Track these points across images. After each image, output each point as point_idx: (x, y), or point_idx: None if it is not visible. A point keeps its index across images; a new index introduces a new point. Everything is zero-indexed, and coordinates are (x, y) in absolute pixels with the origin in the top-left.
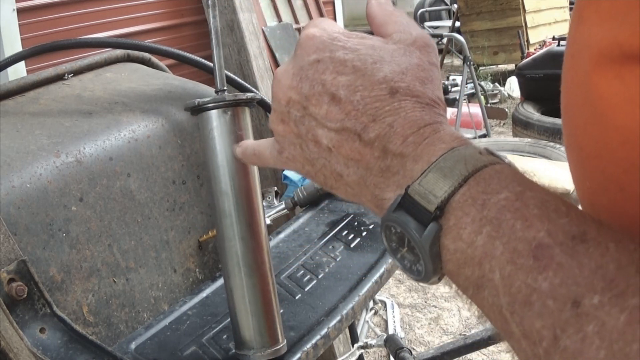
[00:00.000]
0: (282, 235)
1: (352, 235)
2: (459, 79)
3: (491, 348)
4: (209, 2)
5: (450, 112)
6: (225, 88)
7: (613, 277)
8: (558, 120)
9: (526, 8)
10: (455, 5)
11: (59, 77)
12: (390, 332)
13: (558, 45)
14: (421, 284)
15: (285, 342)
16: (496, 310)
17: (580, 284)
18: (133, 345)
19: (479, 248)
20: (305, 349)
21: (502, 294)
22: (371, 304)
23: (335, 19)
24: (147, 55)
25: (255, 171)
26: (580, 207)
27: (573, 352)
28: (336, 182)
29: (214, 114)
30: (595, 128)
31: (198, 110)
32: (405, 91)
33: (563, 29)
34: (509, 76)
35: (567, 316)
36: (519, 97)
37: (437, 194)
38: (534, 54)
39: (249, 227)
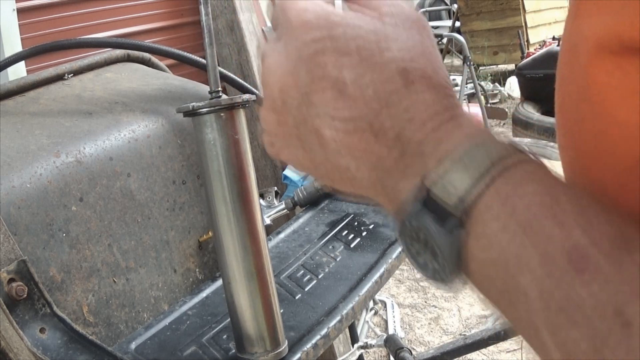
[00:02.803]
0: (282, 235)
1: (352, 235)
2: (459, 79)
3: (491, 348)
4: None
5: None
6: (219, 89)
7: None
8: None
9: (526, 8)
10: (455, 5)
11: (59, 77)
12: (390, 332)
13: (558, 45)
14: (440, 286)
15: (286, 343)
16: (530, 324)
17: (624, 291)
18: (133, 345)
19: (509, 254)
20: (305, 349)
21: (536, 303)
22: (371, 304)
23: None
24: (147, 55)
25: (252, 173)
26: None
27: None
28: (340, 176)
29: (208, 118)
30: (594, 124)
31: (192, 114)
32: (417, 73)
33: (563, 29)
34: (509, 76)
35: (608, 326)
36: (519, 97)
37: (460, 190)
38: (534, 54)
39: (246, 231)
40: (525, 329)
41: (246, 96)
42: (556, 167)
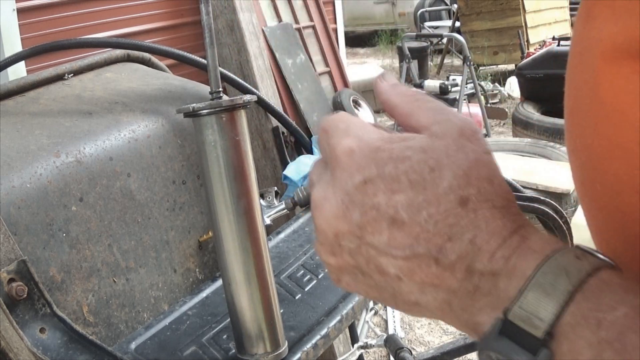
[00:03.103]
0: (282, 235)
1: None
2: (459, 79)
3: None
4: None
5: None
6: (220, 89)
7: None
8: (558, 120)
9: (526, 8)
10: (455, 5)
11: (59, 77)
12: (390, 332)
13: (558, 45)
14: None
15: (286, 345)
16: None
17: None
18: (133, 345)
19: None
20: (305, 349)
21: None
22: (371, 304)
23: (335, 19)
24: (147, 55)
25: (253, 174)
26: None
27: None
28: (412, 309)
29: (209, 119)
30: (608, 127)
31: (193, 115)
32: (477, 197)
33: (563, 29)
34: (509, 76)
35: None
36: (519, 97)
37: (543, 317)
38: (534, 54)
39: (247, 233)
40: None
41: (247, 97)
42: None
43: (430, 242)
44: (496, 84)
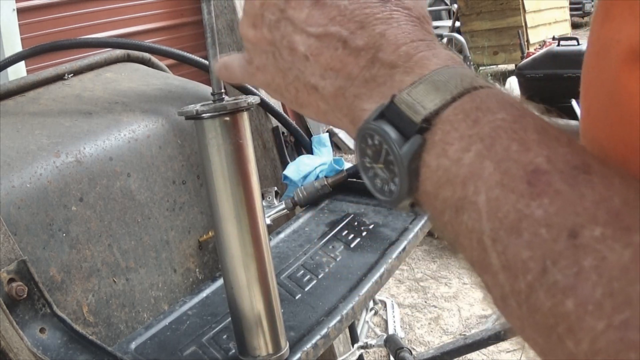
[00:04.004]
0: (282, 235)
1: (352, 235)
2: None
3: (491, 348)
4: None
5: None
6: (222, 90)
7: (618, 211)
8: (558, 121)
9: (526, 8)
10: (455, 5)
11: (59, 77)
12: (390, 332)
13: (558, 45)
14: (389, 207)
15: (287, 346)
16: (475, 237)
17: (580, 214)
18: (133, 345)
19: (464, 166)
20: (306, 349)
21: (486, 219)
22: (371, 304)
23: None
24: (147, 55)
25: (255, 177)
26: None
27: (563, 287)
28: (309, 96)
29: (212, 122)
30: (624, 129)
31: (196, 118)
32: (396, 1)
33: (563, 29)
34: (509, 76)
35: (561, 247)
36: (519, 97)
37: (426, 106)
38: (534, 54)
39: (250, 236)
40: (469, 244)
41: (251, 99)
42: None
43: (344, 25)
44: (496, 84)
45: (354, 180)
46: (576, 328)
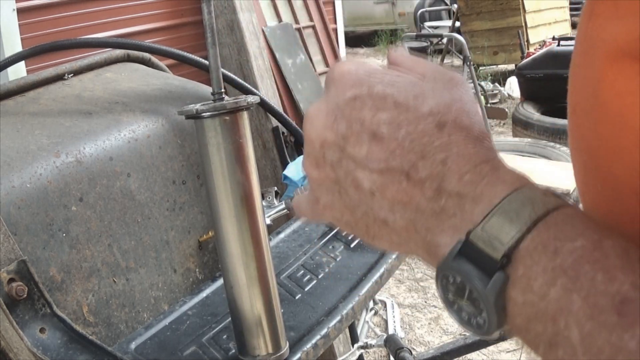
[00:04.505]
0: (282, 235)
1: (352, 235)
2: None
3: (491, 348)
4: None
5: None
6: (222, 90)
7: None
8: (558, 120)
9: (526, 8)
10: (455, 5)
11: (59, 77)
12: (390, 332)
13: (558, 45)
14: (482, 337)
15: (287, 346)
16: None
17: None
18: (133, 345)
19: (552, 302)
20: (305, 349)
21: (581, 354)
22: (371, 304)
23: (335, 19)
24: (147, 55)
25: (255, 176)
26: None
27: None
28: (380, 230)
29: (212, 122)
30: (609, 128)
31: (196, 117)
32: (454, 124)
33: (563, 29)
34: (509, 76)
35: None
36: (519, 97)
37: (504, 240)
38: (534, 54)
39: (250, 236)
40: None
41: (250, 98)
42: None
43: (404, 157)
44: (496, 84)
45: None
46: None
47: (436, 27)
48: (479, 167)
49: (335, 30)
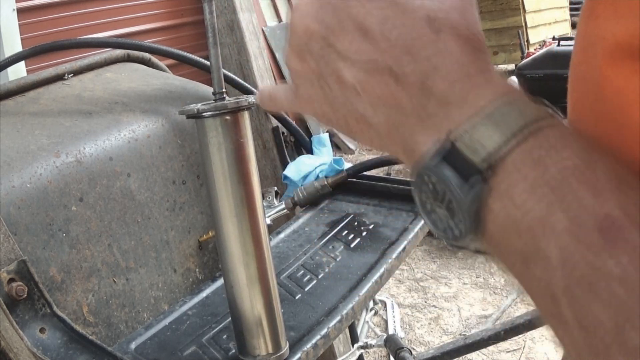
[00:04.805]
0: (282, 235)
1: (352, 235)
2: None
3: (491, 348)
4: None
5: None
6: (223, 90)
7: None
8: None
9: (526, 8)
10: None
11: (59, 77)
12: (390, 332)
13: (558, 45)
14: (450, 246)
15: (287, 346)
16: (548, 292)
17: None
18: (133, 345)
19: (535, 218)
20: (305, 349)
21: (560, 274)
22: (371, 304)
23: None
24: (147, 55)
25: (256, 177)
26: None
27: None
28: (360, 127)
29: (213, 121)
30: (608, 125)
31: (197, 117)
32: (446, 22)
33: (563, 29)
34: (509, 76)
35: (635, 303)
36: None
37: (488, 146)
38: (534, 54)
39: (251, 236)
40: (542, 297)
41: (252, 98)
42: None
43: (390, 50)
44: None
45: (354, 180)
46: None
47: None
48: (470, 76)
49: None
